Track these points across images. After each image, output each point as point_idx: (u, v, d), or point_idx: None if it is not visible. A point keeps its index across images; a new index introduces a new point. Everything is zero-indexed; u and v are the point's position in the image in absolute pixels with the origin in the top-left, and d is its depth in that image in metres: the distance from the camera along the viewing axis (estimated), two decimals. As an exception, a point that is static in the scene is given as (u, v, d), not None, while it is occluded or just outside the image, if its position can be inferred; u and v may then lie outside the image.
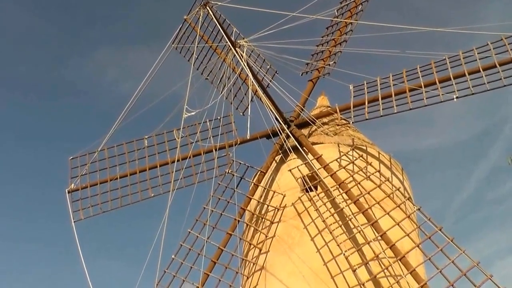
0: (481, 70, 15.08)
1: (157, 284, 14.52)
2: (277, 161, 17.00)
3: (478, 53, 15.40)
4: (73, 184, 18.41)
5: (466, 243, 12.50)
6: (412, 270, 12.63)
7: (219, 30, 16.90)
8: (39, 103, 58.86)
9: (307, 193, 15.18)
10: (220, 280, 14.25)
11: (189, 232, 14.92)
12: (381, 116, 16.00)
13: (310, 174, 15.49)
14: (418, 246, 13.32)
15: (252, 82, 17.03)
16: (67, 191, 18.36)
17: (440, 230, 12.74)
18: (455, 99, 15.26)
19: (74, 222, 17.56)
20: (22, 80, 55.82)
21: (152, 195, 17.91)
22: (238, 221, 15.27)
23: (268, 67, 18.68)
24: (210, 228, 14.94)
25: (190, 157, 17.92)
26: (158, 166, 18.26)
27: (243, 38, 17.44)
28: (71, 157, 18.94)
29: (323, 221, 14.23)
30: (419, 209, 13.42)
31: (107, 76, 63.12)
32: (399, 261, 12.86)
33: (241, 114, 19.06)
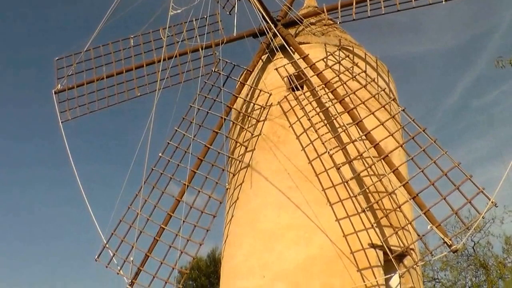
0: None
1: (144, 182, 14.80)
2: (264, 60, 16.88)
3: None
4: (59, 85, 18.33)
5: (447, 149, 12.64)
6: (394, 169, 12.91)
7: None
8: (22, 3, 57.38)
9: (293, 92, 15.21)
10: (206, 177, 14.56)
11: (176, 130, 15.04)
12: (369, 17, 15.78)
13: (296, 73, 15.42)
14: (401, 146, 13.53)
15: (238, -21, 16.62)
16: (53, 92, 18.31)
17: (424, 131, 12.87)
18: (443, 2, 15.01)
19: (61, 122, 17.65)
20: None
21: (139, 94, 17.92)
22: (224, 119, 15.36)
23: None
24: (197, 127, 15.05)
25: (176, 56, 17.76)
26: (145, 65, 18.11)
27: None
28: (57, 58, 18.74)
29: (309, 119, 14.36)
30: (403, 110, 13.48)
31: (92, -25, 61.14)
32: (382, 160, 13.11)
33: (228, 13, 18.65)
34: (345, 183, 13.56)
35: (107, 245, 14.74)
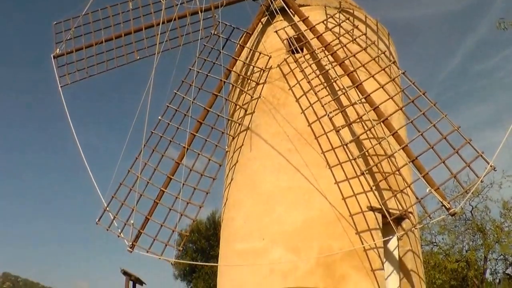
0: None
1: (144, 145, 14.81)
2: (263, 23, 16.70)
3: None
4: (58, 49, 18.18)
5: (447, 113, 12.60)
6: (394, 132, 12.93)
7: None
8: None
9: (293, 55, 15.14)
10: (206, 140, 14.54)
11: (175, 93, 14.97)
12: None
13: (296, 36, 15.31)
14: (401, 109, 13.52)
15: None
16: (52, 57, 18.19)
17: (424, 94, 12.83)
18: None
19: (61, 87, 17.57)
20: None
21: (138, 57, 17.77)
22: (224, 82, 15.29)
23: None
24: (196, 90, 14.97)
25: (175, 19, 17.58)
26: (144, 28, 17.91)
27: None
28: (55, 22, 18.51)
29: (308, 82, 14.31)
30: (403, 73, 13.41)
31: None
32: (382, 123, 13.11)
33: (227, -24, 18.42)
34: (345, 146, 13.58)
35: (107, 209, 14.81)
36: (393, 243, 14.54)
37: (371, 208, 13.52)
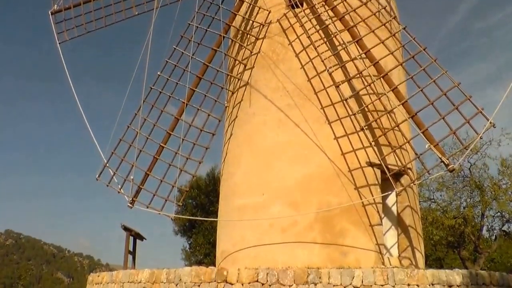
0: None
1: (143, 101, 14.76)
2: (263, -24, 16.45)
3: None
4: (56, 5, 17.97)
5: (448, 70, 12.49)
6: (394, 88, 12.89)
7: None
8: None
9: (292, 10, 14.96)
10: (205, 96, 14.49)
11: (175, 48, 14.84)
12: None
13: (296, -10, 15.09)
14: (401, 65, 13.44)
15: None
16: (50, 13, 17.96)
17: (424, 50, 12.71)
18: None
19: (59, 43, 17.39)
20: None
21: (136, 13, 17.60)
22: (223, 37, 15.13)
23: None
24: (195, 45, 14.85)
25: (173, -27, 17.35)
26: (142, -18, 17.67)
27: None
28: (53, -21, 18.25)
29: (308, 37, 14.21)
30: (404, 28, 13.26)
31: None
32: (381, 78, 13.05)
33: None
34: (344, 101, 13.56)
35: (107, 165, 14.84)
36: (391, 199, 14.64)
37: (370, 164, 13.56)
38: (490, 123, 11.98)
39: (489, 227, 27.17)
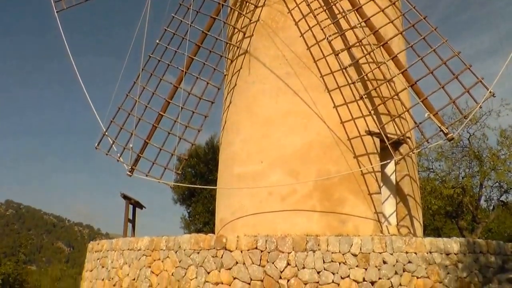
0: None
1: (142, 69, 14.69)
2: None
3: None
4: (52, -26, 17.70)
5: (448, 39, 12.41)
6: (393, 56, 12.86)
7: None
8: None
9: (292, -23, 14.78)
10: (204, 64, 14.43)
11: (173, 16, 14.72)
12: None
13: (295, -43, 14.89)
14: (401, 34, 13.35)
15: None
16: (47, -19, 17.73)
17: (425, 18, 12.62)
18: None
19: (56, 12, 17.18)
20: None
21: (134, -21, 17.39)
22: (222, 5, 15.02)
23: None
24: (194, 13, 14.73)
25: None
26: None
27: None
28: None
29: (308, 5, 14.09)
30: (404, -4, 13.15)
31: None
32: (381, 47, 12.99)
33: None
34: (344, 70, 13.50)
35: (106, 133, 14.84)
36: (390, 168, 14.66)
37: (369, 133, 13.56)
38: (490, 92, 11.97)
39: (487, 197, 27.25)
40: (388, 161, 13.77)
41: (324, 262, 10.60)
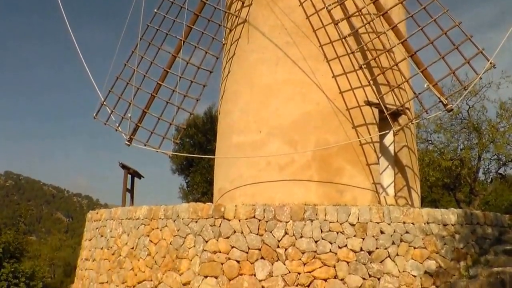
0: None
1: (140, 38, 14.62)
2: None
3: None
4: None
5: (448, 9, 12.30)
6: (393, 26, 12.78)
7: None
8: None
9: None
10: (203, 33, 14.33)
11: (172, -16, 14.58)
12: None
13: None
14: (401, 3, 13.32)
15: None
16: None
17: (425, -13, 12.50)
18: None
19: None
20: None
21: None
22: (221, -27, 14.85)
23: None
24: (192, -19, 14.58)
25: None
26: None
27: None
28: None
29: (307, -27, 13.92)
30: (405, -36, 12.99)
31: None
32: (381, 16, 12.89)
33: None
34: (343, 40, 13.41)
35: (104, 103, 14.78)
36: (389, 138, 14.65)
37: (368, 103, 13.52)
38: (491, 63, 11.90)
39: (486, 169, 27.21)
40: (387, 131, 13.74)
41: (321, 231, 10.65)
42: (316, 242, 10.56)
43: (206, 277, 10.62)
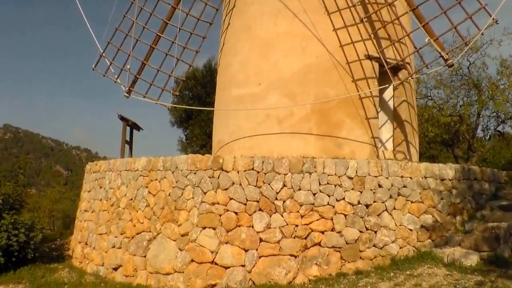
0: None
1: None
2: None
3: None
4: None
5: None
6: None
7: None
8: None
9: None
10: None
11: None
12: None
13: None
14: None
15: None
16: None
17: None
18: None
19: None
20: None
21: None
22: None
23: None
24: None
25: None
26: None
27: None
28: None
29: None
30: None
31: None
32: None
33: None
34: (345, -8, 13.25)
35: (103, 54, 14.69)
36: (388, 93, 14.63)
37: (369, 57, 13.44)
38: (493, 19, 11.79)
39: (484, 126, 27.22)
40: (387, 86, 13.69)
41: (320, 184, 10.74)
42: (314, 194, 10.65)
43: (204, 228, 10.71)
